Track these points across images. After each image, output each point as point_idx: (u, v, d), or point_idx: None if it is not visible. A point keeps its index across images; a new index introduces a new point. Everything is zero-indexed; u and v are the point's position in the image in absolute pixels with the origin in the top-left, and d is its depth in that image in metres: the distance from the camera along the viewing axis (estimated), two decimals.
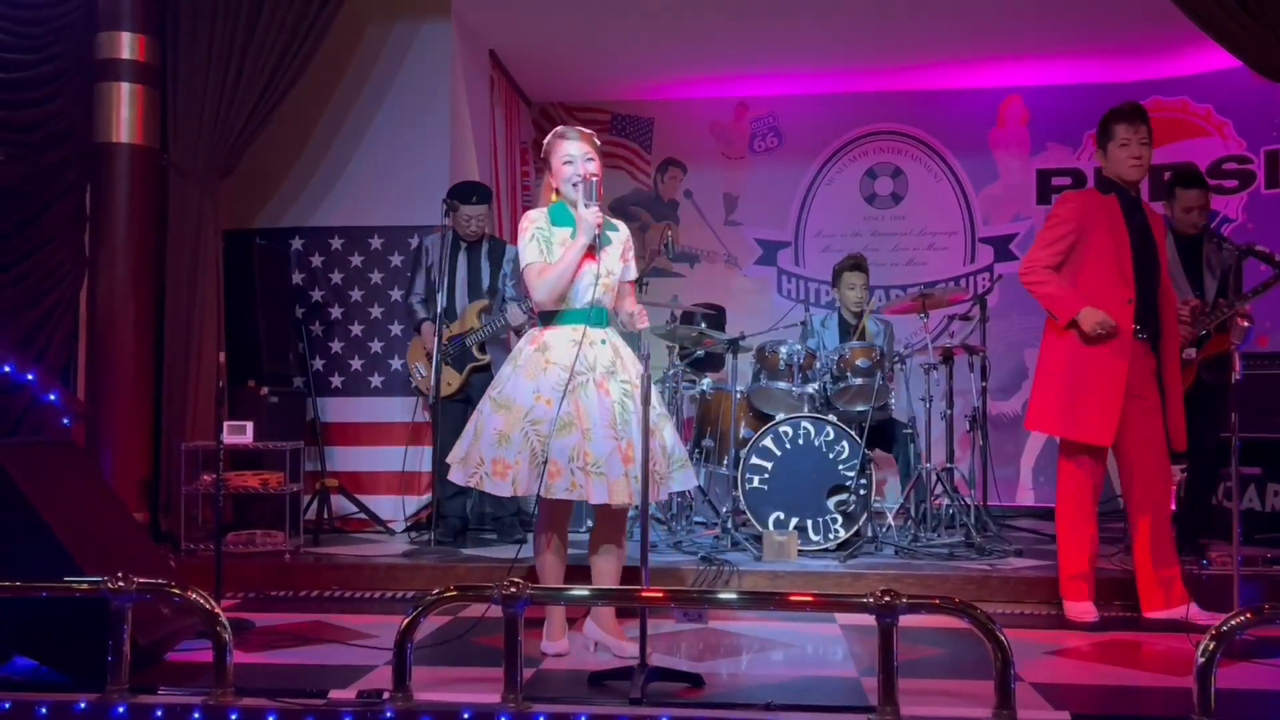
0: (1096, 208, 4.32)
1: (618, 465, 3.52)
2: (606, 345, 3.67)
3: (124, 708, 2.96)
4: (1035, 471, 8.00)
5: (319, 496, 6.11)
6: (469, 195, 5.72)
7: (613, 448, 3.53)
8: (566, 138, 3.75)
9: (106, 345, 5.59)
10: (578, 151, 3.70)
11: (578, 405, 3.56)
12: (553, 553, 3.73)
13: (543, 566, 3.75)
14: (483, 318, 5.65)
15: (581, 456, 3.52)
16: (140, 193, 5.66)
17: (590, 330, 3.64)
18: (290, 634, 4.10)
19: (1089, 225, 4.29)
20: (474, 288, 5.76)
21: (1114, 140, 4.30)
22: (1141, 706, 3.21)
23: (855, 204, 8.41)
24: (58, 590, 3.16)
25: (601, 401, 3.57)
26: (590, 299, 3.65)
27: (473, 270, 5.76)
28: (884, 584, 2.83)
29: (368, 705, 2.97)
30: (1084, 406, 4.21)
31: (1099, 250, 4.25)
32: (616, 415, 3.57)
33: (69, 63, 5.65)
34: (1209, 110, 7.90)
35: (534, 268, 3.66)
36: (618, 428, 3.56)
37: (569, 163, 3.69)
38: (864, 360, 5.69)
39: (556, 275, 3.61)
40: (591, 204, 3.60)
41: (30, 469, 3.49)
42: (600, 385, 3.60)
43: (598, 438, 3.53)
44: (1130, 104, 4.38)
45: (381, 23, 6.60)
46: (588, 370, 3.61)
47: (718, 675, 3.51)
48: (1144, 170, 4.31)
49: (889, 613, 2.77)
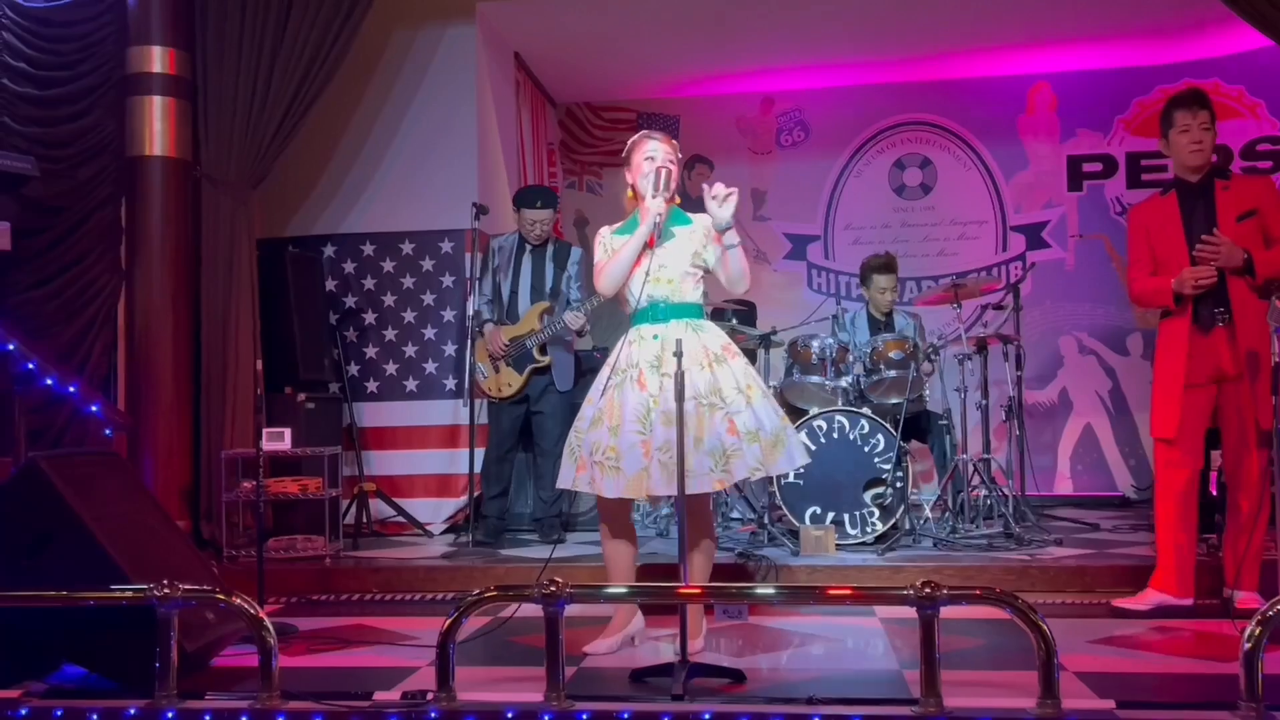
0: (1153, 213, 4.33)
1: (637, 459, 3.53)
2: (658, 340, 3.65)
3: (173, 713, 3.00)
4: (1073, 460, 7.94)
5: (357, 501, 6.16)
6: (533, 200, 5.76)
7: (635, 442, 3.55)
8: (651, 138, 3.81)
9: (145, 356, 5.66)
10: (659, 152, 3.75)
11: (611, 402, 3.62)
12: (613, 542, 3.79)
13: (606, 557, 3.83)
14: (544, 319, 5.67)
15: (603, 451, 3.58)
16: (174, 204, 5.73)
17: (644, 327, 3.68)
18: (333, 637, 4.13)
19: (1152, 232, 4.30)
20: (537, 290, 5.78)
21: (1174, 127, 4.26)
22: (1188, 693, 3.18)
23: (884, 196, 8.38)
24: (105, 599, 3.20)
25: (635, 396, 3.59)
26: (641, 297, 3.67)
27: (537, 273, 5.78)
28: (923, 576, 2.81)
29: (412, 706, 2.99)
30: (1157, 403, 4.25)
31: (1165, 254, 4.26)
32: (648, 410, 3.57)
33: (102, 78, 5.73)
34: (1241, 91, 7.81)
35: (598, 264, 3.78)
36: (645, 422, 3.56)
37: (650, 158, 3.74)
38: (897, 352, 5.66)
39: (613, 266, 3.69)
40: (658, 195, 3.64)
41: (75, 480, 3.53)
42: (638, 381, 3.61)
43: (623, 433, 3.56)
44: (1190, 89, 4.36)
45: (406, 28, 6.64)
46: (630, 367, 3.64)
47: (759, 670, 3.51)
48: (1205, 155, 4.24)
49: (930, 604, 2.77)
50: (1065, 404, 8.01)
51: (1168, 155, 4.36)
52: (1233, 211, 4.19)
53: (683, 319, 3.70)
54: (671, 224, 3.73)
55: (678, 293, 3.71)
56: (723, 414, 3.58)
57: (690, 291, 3.74)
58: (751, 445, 3.58)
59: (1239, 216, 4.17)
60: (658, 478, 3.50)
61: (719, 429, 3.57)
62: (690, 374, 3.49)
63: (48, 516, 3.43)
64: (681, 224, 3.77)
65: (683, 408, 3.34)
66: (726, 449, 3.56)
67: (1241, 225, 4.15)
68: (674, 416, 3.36)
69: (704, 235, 3.77)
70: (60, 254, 5.63)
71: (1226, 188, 4.24)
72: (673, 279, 3.70)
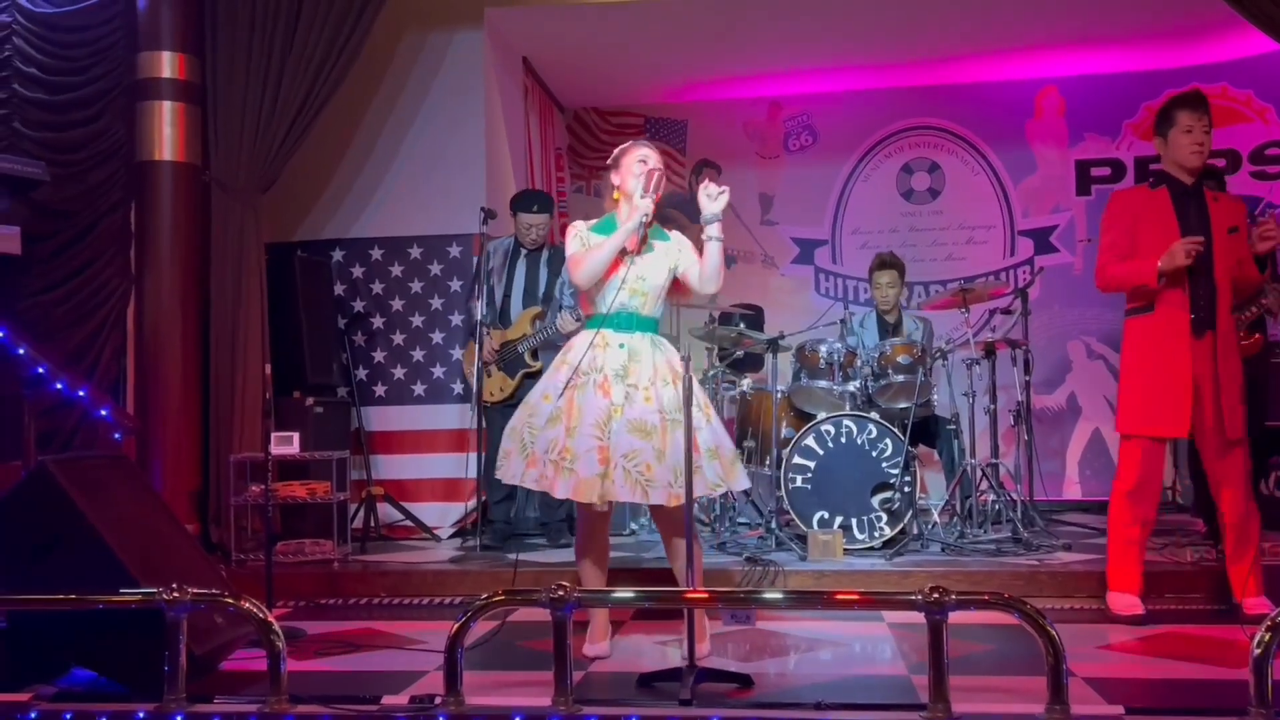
0: (1143, 202, 4.29)
1: (592, 464, 3.53)
2: (624, 349, 3.66)
3: (181, 716, 3.00)
4: (1081, 465, 7.92)
5: (365, 505, 6.16)
6: (530, 204, 5.77)
7: (591, 446, 3.54)
8: (642, 145, 3.83)
9: (154, 360, 5.68)
10: (652, 155, 3.78)
11: (571, 402, 3.62)
12: (589, 558, 3.82)
13: (581, 571, 3.84)
14: (535, 324, 5.68)
15: (558, 450, 3.58)
16: (184, 209, 5.75)
17: (610, 334, 3.67)
18: (341, 641, 4.14)
19: (1138, 220, 4.26)
20: (530, 294, 5.79)
21: (1177, 127, 4.24)
22: (1196, 700, 3.17)
23: (892, 200, 8.37)
24: (114, 602, 3.21)
25: (597, 402, 3.59)
26: (613, 302, 3.67)
27: (531, 277, 5.79)
28: (931, 581, 2.81)
29: (421, 709, 3.00)
30: (1157, 401, 4.18)
31: (1149, 245, 4.20)
32: (609, 417, 3.58)
33: (112, 82, 5.75)
34: (1250, 96, 7.79)
35: (575, 256, 3.74)
36: (604, 429, 3.57)
37: (643, 161, 3.76)
38: (905, 357, 5.66)
39: (594, 257, 3.67)
40: (647, 195, 3.65)
41: (84, 483, 3.54)
42: (601, 386, 3.61)
43: (580, 435, 3.56)
44: (1194, 91, 4.36)
45: (415, 34, 6.66)
46: (593, 371, 3.64)
47: (766, 675, 3.51)
48: (1204, 158, 4.25)
49: (939, 609, 2.76)
50: (1073, 408, 8.00)
51: (1162, 153, 4.33)
52: (1224, 223, 4.22)
53: (646, 333, 3.73)
54: (652, 237, 3.77)
55: (647, 306, 3.74)
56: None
57: (657, 308, 3.80)
58: (712, 462, 3.66)
59: (1229, 229, 4.22)
60: (621, 484, 3.52)
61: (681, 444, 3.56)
62: (655, 388, 3.60)
63: (57, 520, 3.45)
64: (661, 239, 3.81)
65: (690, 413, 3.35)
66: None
67: (1231, 238, 4.20)
68: (641, 426, 3.51)
69: (678, 253, 3.81)
70: (70, 258, 5.65)
71: (1216, 199, 4.29)
72: (648, 292, 3.73)
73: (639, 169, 3.73)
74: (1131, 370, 4.30)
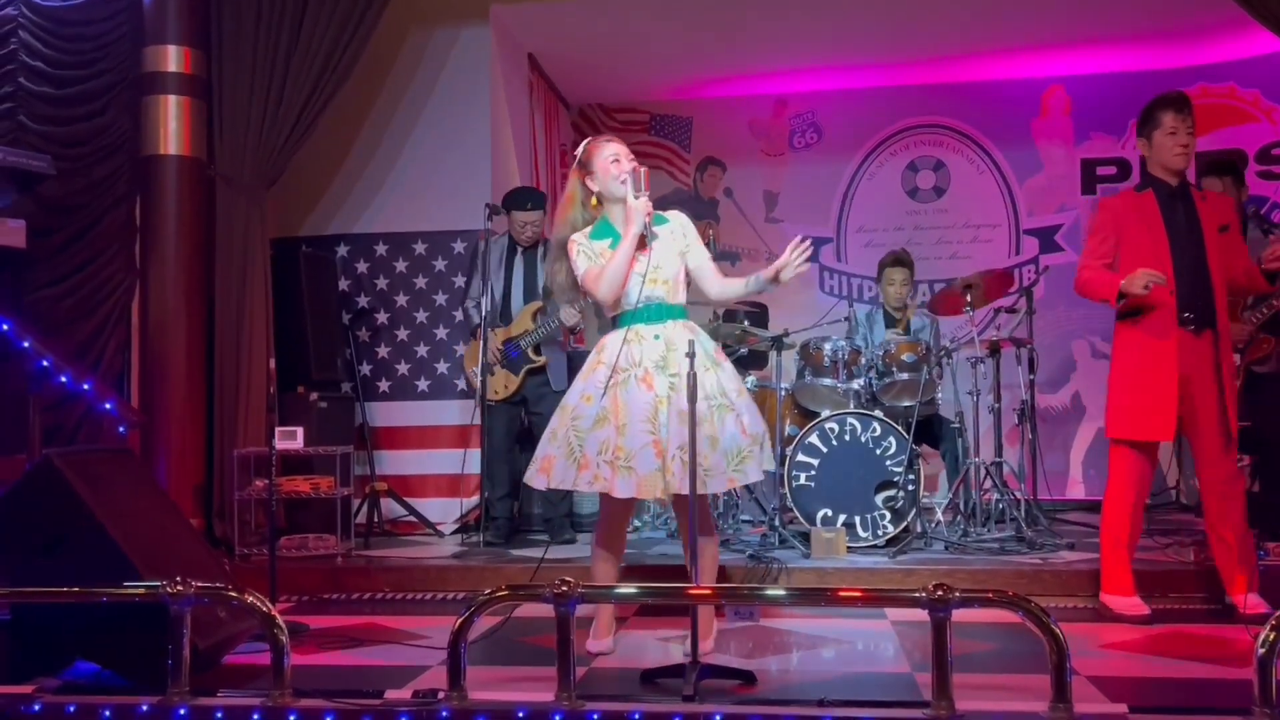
0: (1130, 208, 4.28)
1: (649, 459, 3.51)
2: (660, 340, 3.64)
3: (185, 710, 3.01)
4: (1085, 464, 7.91)
5: (369, 500, 6.17)
6: (524, 202, 5.77)
7: (646, 441, 3.52)
8: (605, 141, 3.81)
9: (159, 354, 5.68)
10: (621, 150, 3.75)
11: (616, 400, 3.58)
12: (604, 552, 3.78)
13: (594, 563, 3.81)
14: (537, 319, 5.68)
15: (611, 450, 3.54)
16: (189, 203, 5.74)
17: (642, 327, 3.65)
18: (344, 636, 4.15)
19: (1124, 226, 4.25)
20: (530, 291, 5.79)
21: (1161, 128, 4.23)
22: (1200, 699, 3.18)
23: (897, 198, 8.36)
24: (118, 595, 3.22)
25: (642, 396, 3.57)
26: (638, 297, 3.66)
27: (529, 274, 5.79)
28: (935, 579, 2.81)
29: (424, 704, 3.00)
30: (1144, 405, 4.16)
31: (1135, 248, 4.19)
32: (656, 410, 3.56)
33: (117, 77, 5.76)
34: (1256, 95, 7.77)
35: (591, 273, 3.69)
36: (655, 422, 3.55)
37: (616, 160, 3.72)
38: (909, 355, 5.66)
39: (612, 270, 3.63)
40: (641, 194, 3.62)
41: (89, 477, 3.55)
42: (644, 380, 3.59)
43: (631, 432, 3.53)
44: (1177, 92, 4.33)
45: (421, 29, 6.65)
46: (632, 366, 3.62)
47: (769, 672, 3.52)
48: (1189, 159, 4.24)
49: (942, 607, 2.76)
50: (1078, 408, 7.99)
51: (1147, 155, 4.32)
52: (1214, 222, 4.20)
53: (678, 320, 3.71)
54: (654, 224, 3.73)
55: (673, 293, 3.73)
56: (734, 415, 3.63)
57: (682, 293, 3.77)
58: (754, 447, 3.65)
59: (1220, 228, 4.19)
60: (681, 476, 3.47)
61: (732, 429, 3.62)
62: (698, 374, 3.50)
63: (62, 513, 3.46)
64: (661, 224, 3.78)
65: (695, 408, 3.35)
66: (741, 449, 3.61)
67: (1222, 237, 4.18)
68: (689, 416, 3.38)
69: (683, 233, 3.80)
70: (75, 252, 5.66)
71: (1204, 199, 4.27)
72: (668, 280, 3.71)
73: (615, 170, 3.70)
74: (1119, 374, 4.28)
